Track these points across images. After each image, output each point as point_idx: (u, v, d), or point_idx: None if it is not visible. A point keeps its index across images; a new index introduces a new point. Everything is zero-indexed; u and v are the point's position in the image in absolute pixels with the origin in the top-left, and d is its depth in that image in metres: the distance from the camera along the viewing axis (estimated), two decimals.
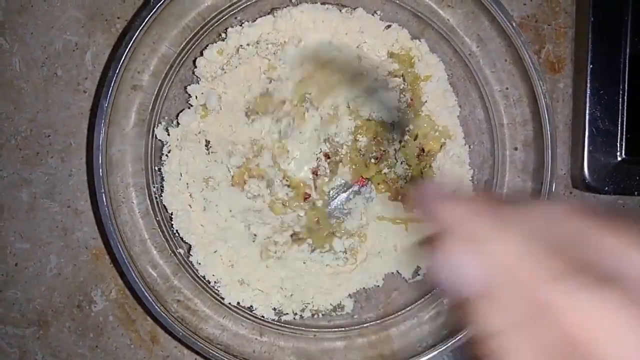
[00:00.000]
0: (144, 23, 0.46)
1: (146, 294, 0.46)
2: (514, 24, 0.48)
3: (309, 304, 0.54)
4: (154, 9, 0.46)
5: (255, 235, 0.53)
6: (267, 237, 0.53)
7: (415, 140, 0.53)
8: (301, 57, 0.52)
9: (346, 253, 0.54)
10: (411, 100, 0.53)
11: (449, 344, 0.47)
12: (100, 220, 0.58)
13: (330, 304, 0.54)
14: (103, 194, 0.46)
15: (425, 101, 0.53)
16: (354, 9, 0.52)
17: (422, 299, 0.53)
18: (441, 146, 0.53)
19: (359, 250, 0.55)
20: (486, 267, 0.23)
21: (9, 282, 0.59)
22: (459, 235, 0.25)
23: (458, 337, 0.47)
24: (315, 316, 0.55)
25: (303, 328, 0.52)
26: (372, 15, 0.52)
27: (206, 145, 0.54)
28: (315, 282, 0.54)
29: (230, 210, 0.53)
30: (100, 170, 0.46)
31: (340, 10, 0.52)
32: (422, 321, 0.51)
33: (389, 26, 0.52)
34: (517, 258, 0.23)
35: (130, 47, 0.46)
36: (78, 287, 0.59)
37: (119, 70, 0.46)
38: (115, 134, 0.49)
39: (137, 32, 0.46)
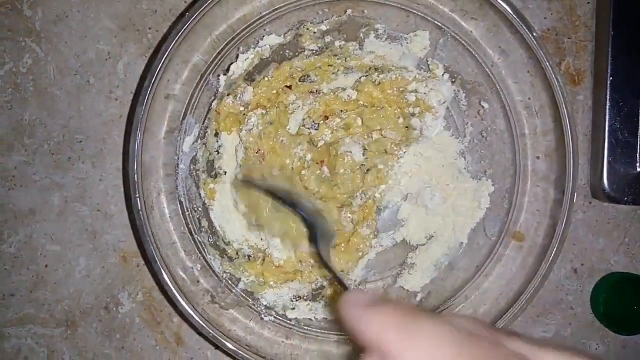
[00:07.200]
0: (179, 34, 0.48)
1: (178, 296, 0.48)
2: (535, 36, 0.49)
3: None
4: (189, 22, 0.48)
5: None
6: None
7: None
8: None
9: None
10: None
11: None
12: (131, 223, 0.60)
13: None
14: (138, 199, 0.48)
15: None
16: None
17: (442, 305, 0.54)
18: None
19: None
20: None
21: (39, 283, 0.61)
22: (375, 354, 0.27)
23: None
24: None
25: (327, 331, 0.53)
26: None
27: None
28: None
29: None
30: (135, 175, 0.48)
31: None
32: None
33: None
34: None
35: (166, 57, 0.48)
36: (105, 289, 0.61)
37: (154, 80, 0.48)
38: (147, 141, 0.51)
39: (173, 43, 0.48)
